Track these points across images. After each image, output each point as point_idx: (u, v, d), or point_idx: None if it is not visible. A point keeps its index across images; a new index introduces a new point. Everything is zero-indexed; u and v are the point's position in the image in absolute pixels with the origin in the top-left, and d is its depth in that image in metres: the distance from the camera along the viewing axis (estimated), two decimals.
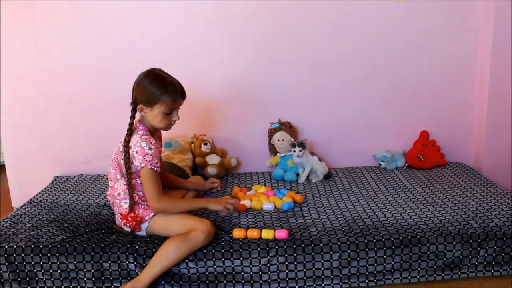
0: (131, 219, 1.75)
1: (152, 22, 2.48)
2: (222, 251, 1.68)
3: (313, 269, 1.69)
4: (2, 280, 1.71)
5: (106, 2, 2.43)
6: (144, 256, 1.67)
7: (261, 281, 1.69)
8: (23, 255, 1.69)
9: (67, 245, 1.71)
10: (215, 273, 1.68)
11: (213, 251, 1.68)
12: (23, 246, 1.71)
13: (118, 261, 1.67)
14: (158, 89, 1.69)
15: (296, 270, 1.69)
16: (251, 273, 1.69)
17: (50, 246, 1.70)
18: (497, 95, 2.54)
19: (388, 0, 2.49)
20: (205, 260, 1.67)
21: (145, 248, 1.69)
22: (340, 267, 1.70)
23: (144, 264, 1.66)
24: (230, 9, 2.46)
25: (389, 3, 2.50)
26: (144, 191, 1.73)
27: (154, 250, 1.67)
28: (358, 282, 1.72)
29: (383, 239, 1.72)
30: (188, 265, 1.67)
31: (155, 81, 1.71)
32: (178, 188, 2.08)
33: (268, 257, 1.68)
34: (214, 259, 1.67)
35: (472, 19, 2.53)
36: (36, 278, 1.71)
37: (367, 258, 1.70)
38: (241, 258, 1.68)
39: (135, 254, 1.67)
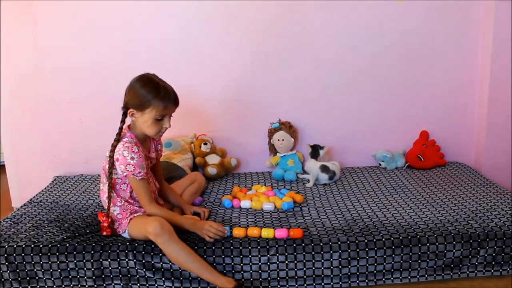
0: (102, 221, 1.74)
1: (153, 22, 2.48)
2: (222, 248, 1.69)
3: (313, 268, 1.69)
4: (3, 280, 1.71)
5: (106, 2, 2.43)
6: (143, 252, 1.67)
7: (260, 279, 1.69)
8: (23, 254, 1.69)
9: (67, 245, 1.71)
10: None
11: (213, 247, 1.69)
12: (23, 246, 1.71)
13: (118, 259, 1.68)
14: (150, 93, 1.65)
15: (296, 269, 1.69)
16: (251, 271, 1.69)
17: (50, 245, 1.71)
18: (497, 95, 2.54)
19: (388, 0, 2.49)
20: (205, 256, 1.67)
21: (144, 245, 1.69)
22: (340, 267, 1.70)
23: (143, 261, 1.67)
24: (230, 9, 2.47)
25: (389, 3, 2.50)
26: (138, 198, 1.76)
27: (153, 246, 1.67)
28: (358, 281, 1.72)
29: (383, 239, 1.72)
30: None
31: (147, 85, 1.67)
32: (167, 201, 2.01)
33: (268, 255, 1.68)
34: (214, 256, 1.68)
35: (472, 19, 2.53)
36: (37, 278, 1.71)
37: (367, 257, 1.70)
38: (241, 256, 1.68)
39: (135, 252, 1.68)
